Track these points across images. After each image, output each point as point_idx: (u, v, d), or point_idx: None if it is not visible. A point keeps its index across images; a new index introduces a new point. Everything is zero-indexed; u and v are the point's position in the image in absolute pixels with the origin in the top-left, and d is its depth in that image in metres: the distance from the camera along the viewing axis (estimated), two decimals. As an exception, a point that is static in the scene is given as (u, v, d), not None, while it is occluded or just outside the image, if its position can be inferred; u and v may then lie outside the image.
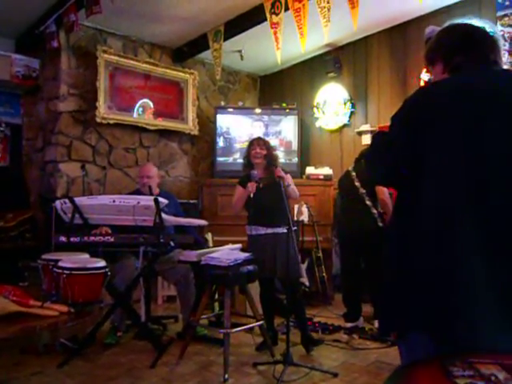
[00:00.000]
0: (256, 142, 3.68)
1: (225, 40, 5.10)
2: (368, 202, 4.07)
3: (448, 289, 1.19)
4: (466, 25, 1.48)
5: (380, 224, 4.07)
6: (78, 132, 5.12)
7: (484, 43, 1.43)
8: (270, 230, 3.48)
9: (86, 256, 2.35)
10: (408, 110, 1.40)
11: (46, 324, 1.67)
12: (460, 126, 1.27)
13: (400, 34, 5.29)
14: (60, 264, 1.95)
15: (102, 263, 2.06)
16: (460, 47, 1.44)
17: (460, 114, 1.28)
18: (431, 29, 1.62)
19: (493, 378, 0.98)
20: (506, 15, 4.27)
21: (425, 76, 1.59)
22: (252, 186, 3.39)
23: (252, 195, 3.37)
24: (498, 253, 1.18)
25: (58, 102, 5.02)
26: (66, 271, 1.88)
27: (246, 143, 5.91)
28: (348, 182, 4.24)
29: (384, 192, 4.03)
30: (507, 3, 4.29)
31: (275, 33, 4.45)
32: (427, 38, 1.62)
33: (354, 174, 4.22)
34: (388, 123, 1.49)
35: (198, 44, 5.59)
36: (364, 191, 4.09)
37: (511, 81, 1.35)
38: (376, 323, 4.10)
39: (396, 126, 1.42)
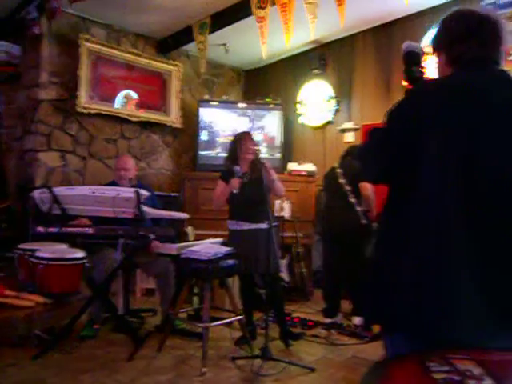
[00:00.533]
0: (248, 137, 3.60)
1: (210, 33, 5.07)
2: (352, 200, 4.08)
3: (434, 290, 1.20)
4: (473, 13, 1.40)
5: (364, 221, 4.09)
6: (58, 121, 5.04)
7: (487, 35, 1.37)
8: (253, 226, 3.46)
9: (64, 246, 2.31)
10: (407, 109, 1.39)
11: (22, 314, 1.64)
12: (457, 129, 1.26)
13: (385, 33, 5.32)
14: (37, 254, 1.91)
15: (81, 254, 2.02)
16: (464, 36, 1.38)
17: (458, 119, 1.26)
18: (407, 44, 1.61)
19: (468, 374, 0.99)
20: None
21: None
22: (235, 182, 3.36)
23: (235, 191, 3.34)
24: (486, 255, 1.19)
25: (38, 90, 4.92)
26: (43, 261, 1.85)
27: (230, 138, 5.92)
28: (333, 178, 4.25)
29: (368, 188, 4.05)
30: (490, 7, 4.34)
31: (261, 27, 4.44)
32: (405, 52, 1.60)
33: (339, 170, 4.22)
34: (371, 122, 1.49)
35: (183, 36, 5.54)
36: (349, 188, 4.11)
37: (508, 84, 1.33)
38: (354, 319, 4.14)
39: (393, 123, 1.39)
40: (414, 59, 1.54)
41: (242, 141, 3.57)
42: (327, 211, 4.39)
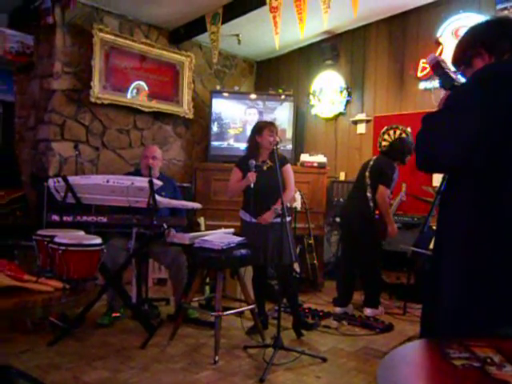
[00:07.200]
0: (274, 129, 3.55)
1: (223, 23, 5.05)
2: (368, 194, 4.09)
3: None
4: (503, 17, 1.53)
5: (376, 217, 4.13)
6: (71, 111, 5.06)
7: None
8: (274, 219, 3.44)
9: (82, 233, 2.34)
10: (487, 90, 1.33)
11: (40, 299, 1.66)
12: None
13: (399, 24, 5.28)
14: (56, 240, 1.93)
15: (99, 240, 2.05)
16: (503, 33, 1.45)
17: None
18: (433, 56, 1.61)
19: (488, 361, 0.99)
20: (505, 8, 4.27)
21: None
22: (252, 177, 3.35)
23: (252, 185, 3.34)
24: None
25: (51, 79, 4.94)
26: (61, 247, 1.87)
27: (241, 129, 5.94)
28: (362, 169, 4.27)
29: (383, 196, 4.00)
30: (507, -4, 4.29)
31: (274, 17, 4.42)
32: (431, 64, 1.60)
33: (371, 163, 4.22)
34: (383, 113, 1.48)
35: (196, 26, 5.53)
36: (369, 182, 4.11)
37: None
38: (365, 311, 4.15)
39: (473, 106, 1.33)
40: (444, 69, 1.57)
41: (265, 130, 3.53)
42: (347, 200, 4.48)
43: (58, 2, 4.63)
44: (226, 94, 6.01)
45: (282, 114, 5.93)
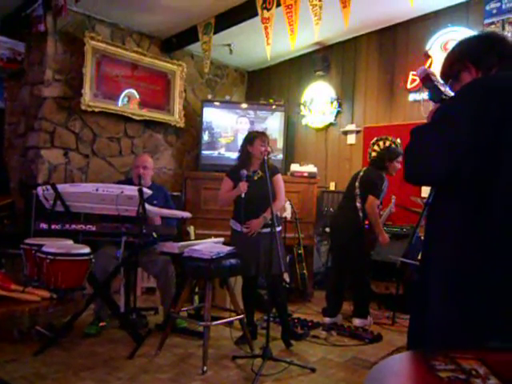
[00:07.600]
0: (266, 139, 3.53)
1: (215, 33, 5.08)
2: (358, 204, 4.11)
3: None
4: (491, 32, 1.55)
5: (366, 227, 4.14)
6: (61, 118, 5.05)
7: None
8: (264, 230, 3.45)
9: (71, 242, 2.32)
10: (477, 104, 1.35)
11: (27, 308, 1.65)
12: None
13: (389, 36, 5.34)
14: (43, 249, 1.92)
15: (87, 250, 2.03)
16: (491, 48, 1.48)
17: None
18: (423, 69, 1.64)
19: (473, 373, 1.00)
20: (492, 23, 4.34)
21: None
22: (243, 186, 3.36)
23: (243, 195, 3.34)
24: None
25: (42, 87, 4.93)
26: (49, 256, 1.85)
27: (232, 138, 5.95)
28: (353, 180, 4.29)
29: (372, 205, 4.03)
30: (494, 11, 4.36)
31: (266, 28, 4.45)
32: (421, 76, 1.63)
33: (361, 174, 4.24)
34: (373, 124, 1.49)
35: (188, 36, 5.55)
36: (358, 193, 4.13)
37: None
38: (354, 321, 4.15)
39: (462, 120, 1.35)
40: (434, 82, 1.59)
41: (257, 141, 3.52)
42: (337, 210, 4.51)
43: (49, 9, 4.62)
44: (217, 104, 6.03)
45: (272, 124, 5.96)
